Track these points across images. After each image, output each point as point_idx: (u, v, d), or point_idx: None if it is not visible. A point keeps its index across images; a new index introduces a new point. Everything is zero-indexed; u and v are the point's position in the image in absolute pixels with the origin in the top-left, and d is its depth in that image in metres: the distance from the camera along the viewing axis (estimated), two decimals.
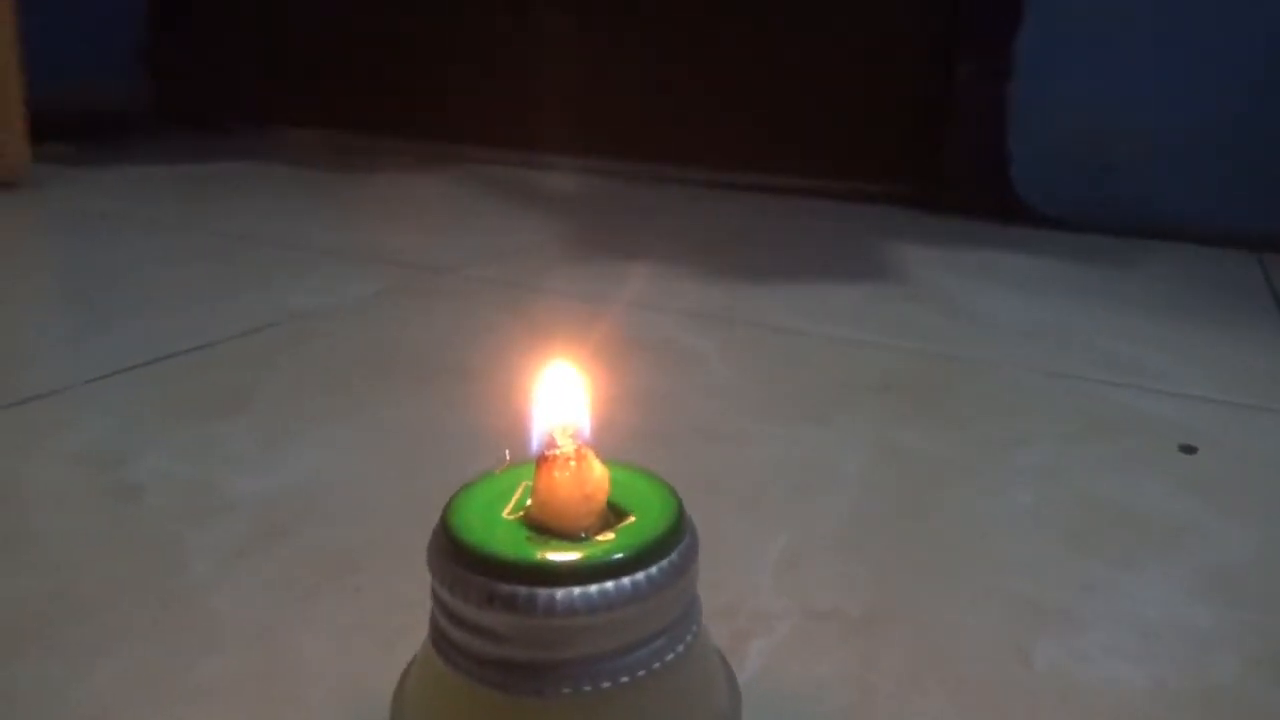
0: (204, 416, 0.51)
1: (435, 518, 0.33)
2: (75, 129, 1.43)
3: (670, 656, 0.16)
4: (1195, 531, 0.43)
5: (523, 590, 0.14)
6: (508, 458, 0.17)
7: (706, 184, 1.30)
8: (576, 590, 0.14)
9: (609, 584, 0.15)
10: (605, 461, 0.17)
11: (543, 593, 0.14)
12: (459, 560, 0.15)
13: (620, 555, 0.15)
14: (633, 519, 0.16)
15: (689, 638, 0.16)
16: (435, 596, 0.16)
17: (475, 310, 0.73)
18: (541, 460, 0.16)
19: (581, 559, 0.15)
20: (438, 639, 0.16)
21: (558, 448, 0.16)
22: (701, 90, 1.32)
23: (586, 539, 0.15)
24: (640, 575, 0.15)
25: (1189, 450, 0.51)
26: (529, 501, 0.16)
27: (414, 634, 0.33)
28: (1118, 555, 0.40)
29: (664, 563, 0.15)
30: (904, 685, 0.32)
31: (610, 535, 0.15)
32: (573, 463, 0.16)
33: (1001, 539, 0.42)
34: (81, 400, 0.53)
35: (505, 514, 0.16)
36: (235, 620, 0.34)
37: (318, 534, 0.40)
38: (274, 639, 0.33)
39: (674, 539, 0.15)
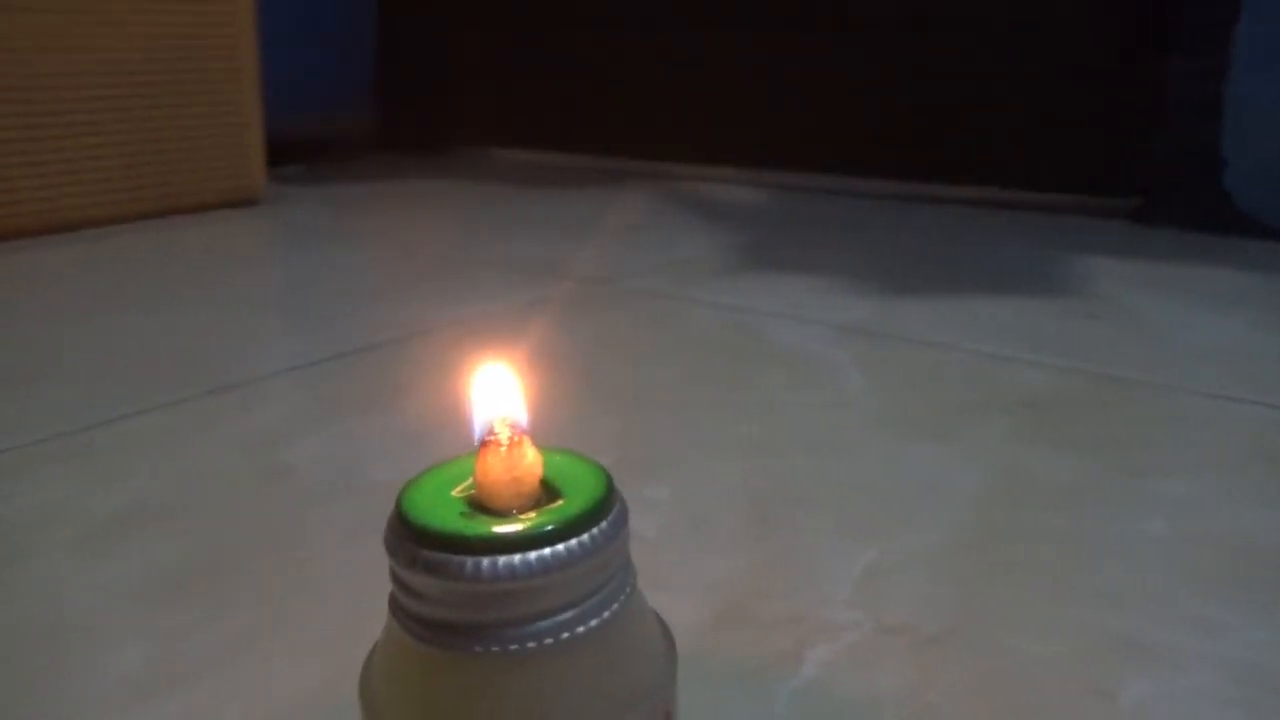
0: (359, 410, 0.57)
1: None
2: (308, 153, 1.60)
3: (590, 624, 0.17)
4: None
5: (441, 556, 0.16)
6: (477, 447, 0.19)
7: (889, 196, 1.27)
8: (487, 560, 0.16)
9: (521, 556, 0.16)
10: (548, 449, 0.18)
11: (455, 559, 0.16)
12: (398, 528, 0.17)
13: (536, 530, 0.16)
14: (561, 501, 0.17)
15: (611, 608, 0.17)
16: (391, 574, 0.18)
17: (620, 320, 0.76)
18: (481, 445, 0.17)
19: (496, 532, 0.16)
20: (391, 600, 0.18)
21: (495, 434, 0.17)
22: (888, 101, 1.29)
23: (514, 516, 0.17)
24: (556, 549, 0.16)
25: None
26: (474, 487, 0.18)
27: None
28: (1241, 597, 0.37)
29: (580, 539, 0.16)
30: (965, 708, 0.31)
31: (533, 514, 0.17)
32: (503, 449, 0.17)
33: (1113, 570, 0.39)
34: (261, 391, 0.60)
35: (454, 493, 0.18)
36: (340, 592, 0.38)
37: None
38: (367, 613, 0.37)
39: (589, 521, 0.17)
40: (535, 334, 0.72)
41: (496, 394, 0.19)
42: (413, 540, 0.17)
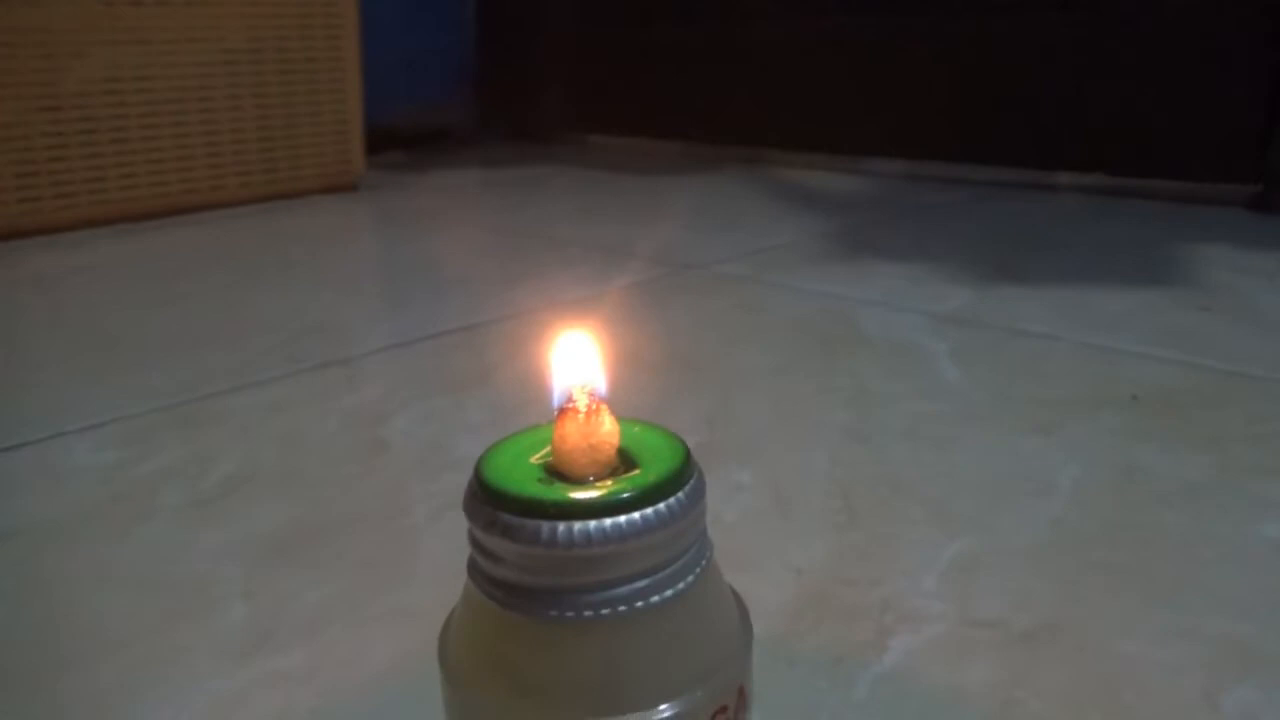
0: (454, 388, 0.58)
1: None
2: (409, 141, 1.64)
3: (664, 595, 0.17)
4: None
5: (518, 520, 0.16)
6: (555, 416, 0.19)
7: (992, 183, 1.23)
8: (563, 525, 0.16)
9: (591, 522, 0.16)
10: (627, 420, 0.18)
11: (532, 523, 0.16)
12: (477, 493, 0.17)
13: (614, 497, 0.16)
14: (638, 470, 0.17)
15: (684, 583, 0.17)
16: (470, 538, 0.18)
17: (710, 305, 0.76)
18: (560, 413, 0.18)
19: (574, 498, 0.17)
20: (469, 563, 0.18)
21: (573, 403, 0.18)
22: (993, 87, 1.25)
23: (590, 484, 0.17)
24: (633, 516, 0.16)
25: None
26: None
27: None
28: None
29: (657, 508, 0.16)
30: (1052, 708, 0.30)
31: (609, 482, 0.17)
32: (581, 416, 0.17)
33: (1222, 573, 0.37)
34: (366, 368, 0.62)
35: (533, 460, 0.18)
36: (433, 562, 0.39)
37: None
38: (458, 582, 0.38)
39: (668, 489, 0.17)
40: (628, 317, 0.73)
41: (576, 362, 0.19)
42: (491, 504, 0.17)
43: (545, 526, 0.16)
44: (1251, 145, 1.05)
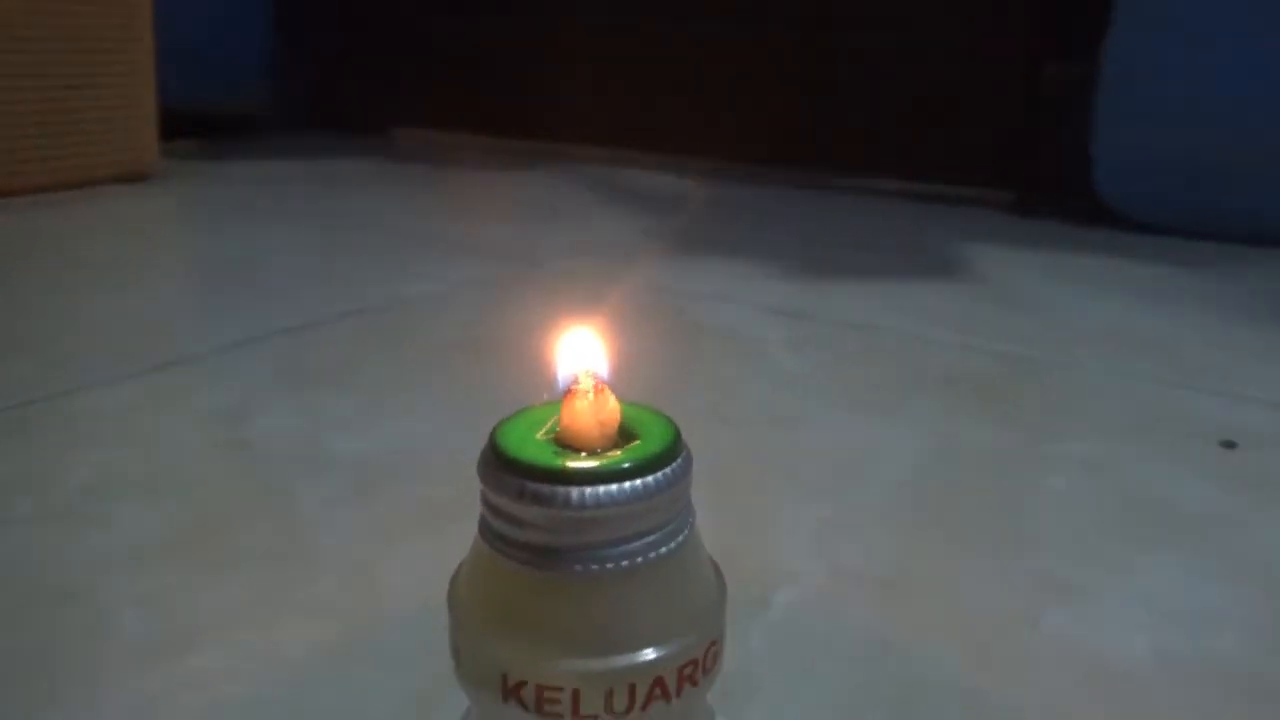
0: (311, 386, 0.58)
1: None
2: (203, 129, 1.55)
3: (664, 550, 0.20)
4: (1222, 521, 0.44)
5: (547, 488, 0.19)
6: (546, 398, 0.21)
7: (798, 184, 1.33)
8: (588, 489, 0.19)
9: (613, 486, 0.19)
10: (619, 399, 0.21)
11: (561, 490, 0.19)
12: (500, 466, 0.19)
13: (623, 465, 0.19)
14: (638, 442, 0.20)
15: (678, 540, 0.20)
16: (482, 497, 0.20)
17: (561, 300, 0.78)
18: (566, 394, 0.20)
19: (592, 466, 0.19)
20: (484, 530, 0.20)
21: (579, 384, 0.20)
22: (792, 92, 1.35)
23: (601, 455, 0.20)
24: (638, 482, 0.19)
25: (1229, 446, 0.52)
26: (558, 429, 0.20)
27: None
28: (1141, 540, 0.42)
29: (658, 474, 0.19)
30: (917, 639, 0.35)
31: (618, 452, 0.20)
32: (590, 395, 0.20)
33: (1030, 521, 0.44)
34: (209, 368, 0.60)
35: (538, 436, 0.20)
36: (333, 555, 0.40)
37: (410, 489, 0.45)
38: (366, 571, 0.39)
39: (667, 459, 0.19)
40: (483, 314, 0.74)
41: (579, 350, 0.21)
42: (518, 475, 0.19)
43: (574, 492, 0.19)
44: (1013, 156, 1.20)
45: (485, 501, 0.20)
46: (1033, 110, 1.18)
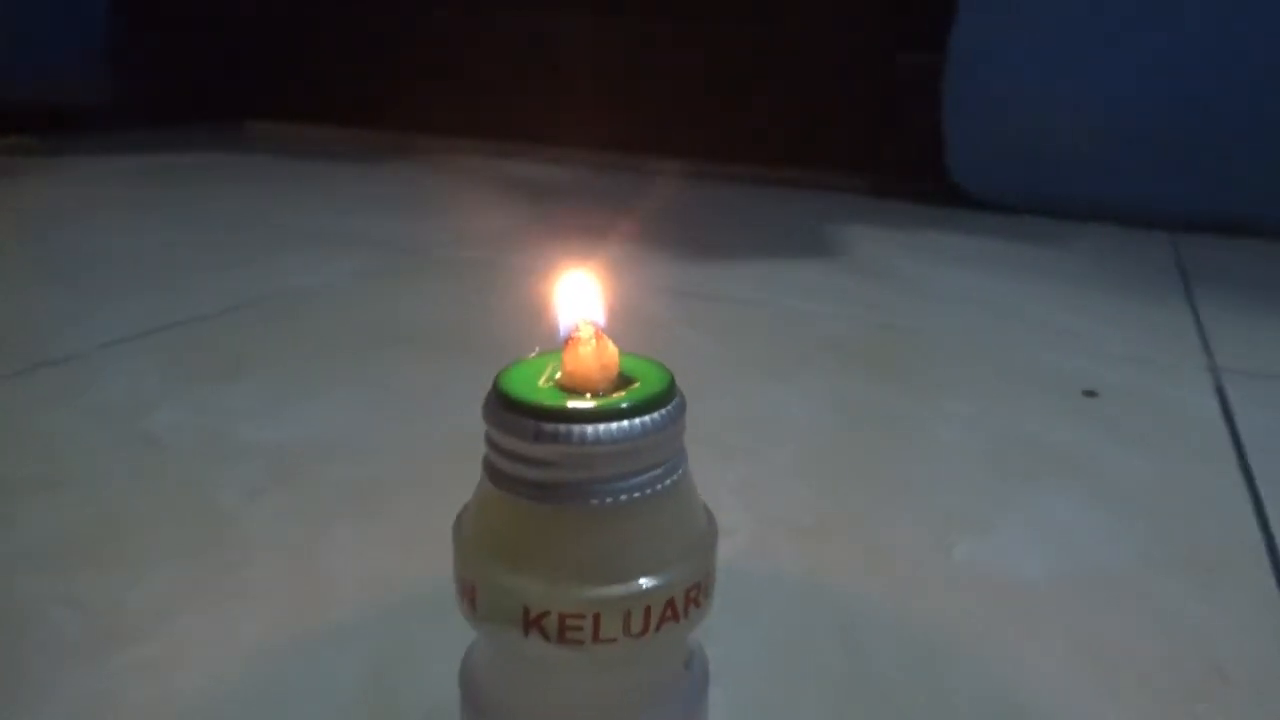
0: (208, 379, 0.56)
1: (437, 460, 0.38)
2: (39, 122, 1.44)
3: (668, 482, 0.21)
4: (1094, 458, 0.49)
5: (563, 427, 0.20)
6: (537, 351, 0.22)
7: (667, 173, 1.36)
8: (601, 426, 0.20)
9: (624, 423, 0.20)
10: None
11: (577, 428, 0.20)
12: (513, 411, 0.20)
13: (631, 404, 0.20)
14: (637, 384, 0.21)
15: (678, 473, 0.22)
16: (490, 441, 0.21)
17: (457, 288, 0.78)
18: (568, 341, 0.21)
19: (602, 405, 0.20)
20: (496, 476, 0.21)
21: (580, 331, 0.21)
22: (664, 83, 1.38)
23: (605, 396, 0.21)
24: (645, 418, 0.20)
25: (1091, 395, 0.58)
26: (557, 375, 0.21)
27: (431, 547, 0.38)
28: (1027, 477, 0.47)
29: (662, 411, 0.21)
30: (845, 576, 0.38)
31: (621, 394, 0.21)
32: (593, 341, 0.21)
33: (932, 467, 0.48)
34: (93, 366, 0.57)
35: (540, 383, 0.21)
36: (265, 540, 0.39)
37: (333, 472, 0.45)
38: (301, 554, 0.38)
39: (667, 398, 0.21)
40: (375, 304, 0.73)
41: (578, 299, 0.22)
42: (533, 417, 0.20)
43: (589, 429, 0.20)
44: (873, 141, 1.26)
45: (497, 447, 0.21)
46: (888, 98, 1.25)
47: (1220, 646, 0.34)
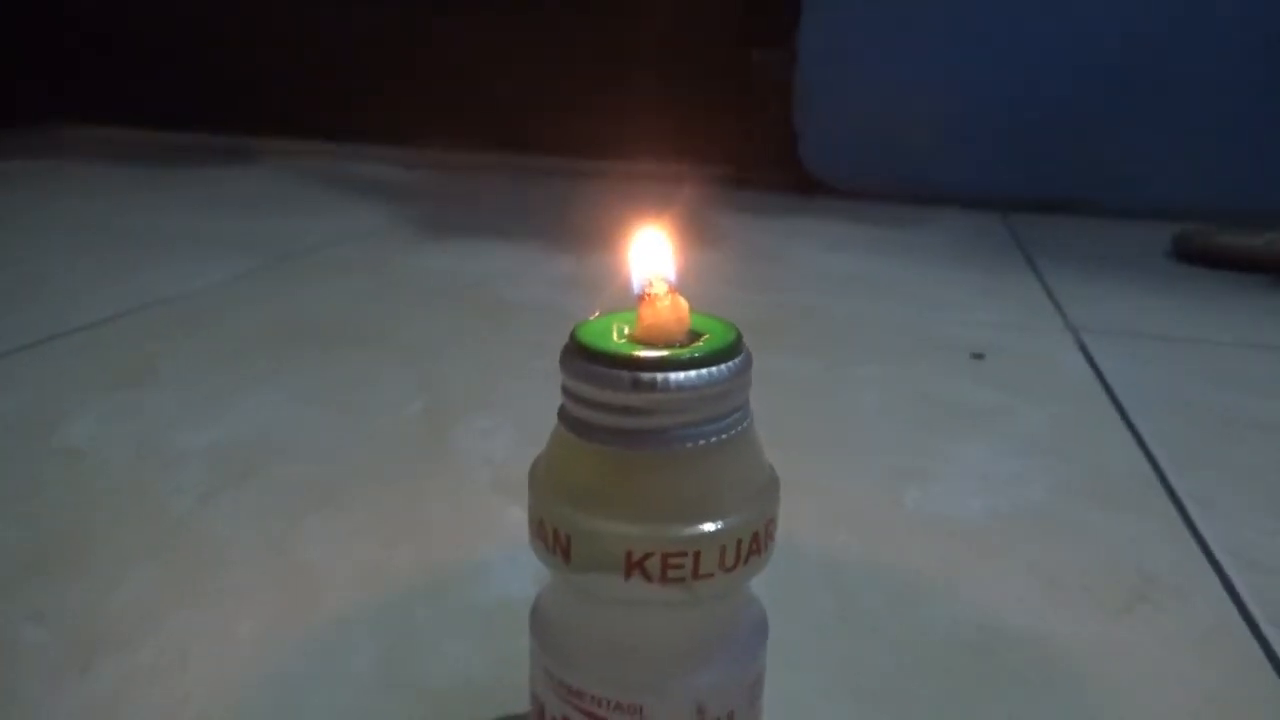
0: (118, 386, 0.53)
1: (384, 452, 0.39)
2: None
3: (744, 426, 0.23)
4: (998, 411, 0.54)
5: (658, 375, 0.21)
6: (597, 313, 0.23)
7: (525, 170, 1.36)
8: (692, 373, 0.21)
9: (712, 369, 0.21)
10: None
11: (673, 376, 0.21)
12: (608, 364, 0.21)
13: (712, 352, 0.22)
14: (707, 336, 0.23)
15: (751, 417, 0.23)
16: (578, 396, 0.22)
17: (348, 286, 0.76)
18: (644, 298, 0.22)
19: (692, 354, 0.22)
20: (586, 429, 0.22)
21: (655, 287, 0.22)
22: (513, 80, 1.38)
23: (679, 347, 0.22)
24: (729, 364, 0.22)
25: (979, 357, 0.63)
26: (627, 330, 0.23)
27: (410, 535, 0.38)
28: (949, 432, 0.51)
29: (740, 358, 0.22)
30: (813, 531, 0.41)
31: (699, 343, 0.22)
32: (668, 297, 0.22)
33: (864, 429, 0.52)
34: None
35: (616, 340, 0.22)
36: (234, 540, 0.38)
37: (283, 471, 0.44)
38: (278, 549, 0.37)
39: (741, 346, 0.23)
40: (270, 305, 0.70)
41: (651, 255, 0.23)
42: (629, 368, 0.21)
43: (684, 376, 0.21)
44: (730, 133, 1.31)
45: (588, 401, 0.22)
46: (744, 93, 1.30)
47: (1144, 558, 0.39)
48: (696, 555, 0.22)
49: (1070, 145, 1.18)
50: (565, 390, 0.23)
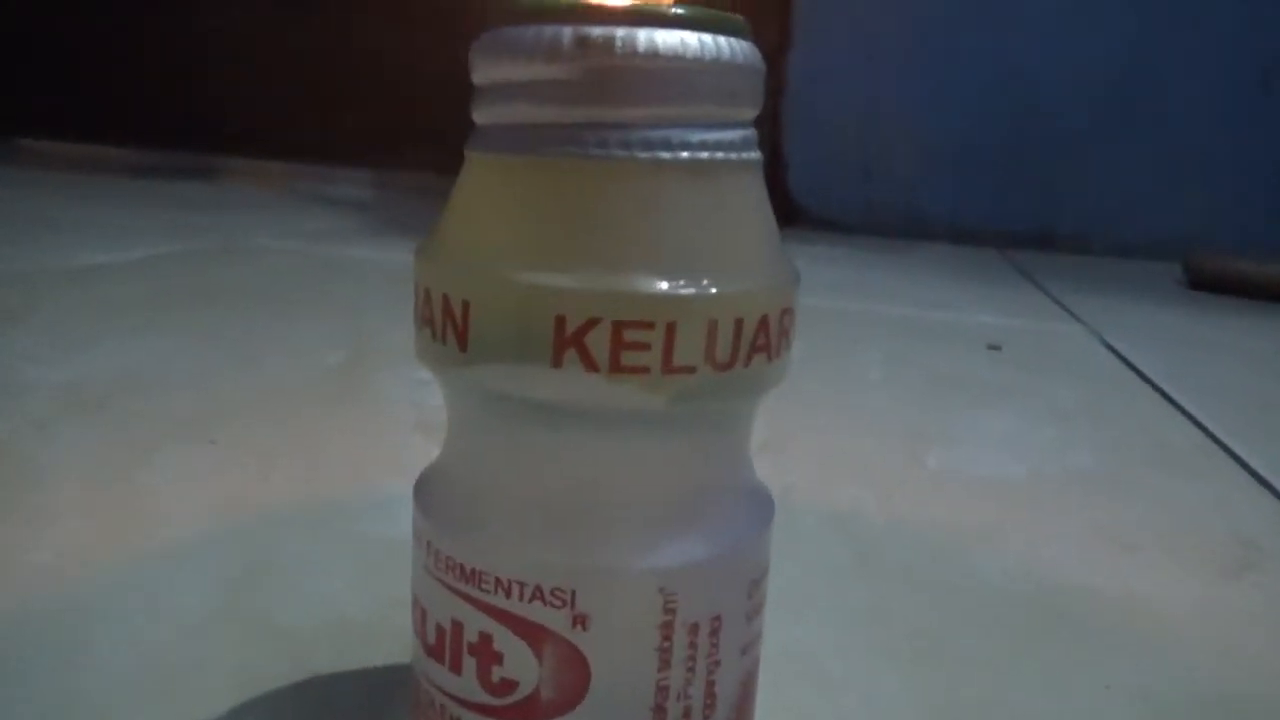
0: None
1: (270, 390, 0.36)
2: None
3: (753, 154, 0.15)
4: (1022, 388, 0.46)
5: (618, 30, 0.13)
6: None
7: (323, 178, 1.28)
8: (670, 32, 0.13)
9: (701, 35, 0.14)
10: None
11: (637, 31, 0.13)
12: (537, 18, 0.13)
13: (697, 13, 0.14)
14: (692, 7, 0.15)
15: (758, 150, 0.15)
16: (494, 84, 0.14)
17: (280, 265, 0.68)
18: None
19: (667, 9, 0.14)
20: (497, 136, 0.14)
21: None
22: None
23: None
24: (726, 39, 0.14)
25: (995, 348, 0.56)
26: None
27: (285, 470, 0.30)
28: (970, 404, 0.43)
29: (739, 39, 0.14)
30: (841, 491, 0.32)
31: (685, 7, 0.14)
32: None
33: (876, 400, 0.44)
34: None
35: None
36: (69, 465, 0.29)
37: (148, 406, 0.35)
38: (117, 479, 0.28)
39: (740, 28, 0.15)
40: (195, 276, 0.62)
41: None
42: (572, 21, 0.13)
43: (654, 34, 0.13)
44: None
45: (509, 86, 0.14)
46: None
47: (1237, 524, 0.31)
48: (670, 329, 0.13)
49: (1073, 179, 1.13)
50: (479, 90, 0.14)
